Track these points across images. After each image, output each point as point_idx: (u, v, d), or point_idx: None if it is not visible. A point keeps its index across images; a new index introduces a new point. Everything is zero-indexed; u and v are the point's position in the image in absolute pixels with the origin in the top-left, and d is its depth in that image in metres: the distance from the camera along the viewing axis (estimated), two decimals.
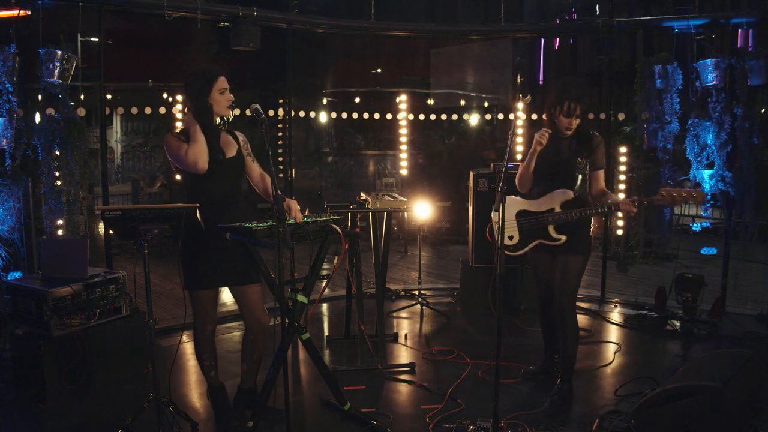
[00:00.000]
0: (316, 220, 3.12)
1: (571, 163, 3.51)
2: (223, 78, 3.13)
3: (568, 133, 3.50)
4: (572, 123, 3.45)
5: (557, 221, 3.49)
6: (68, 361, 3.59)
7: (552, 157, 3.53)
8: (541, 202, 3.57)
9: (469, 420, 3.25)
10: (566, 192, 3.50)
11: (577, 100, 3.39)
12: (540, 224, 3.55)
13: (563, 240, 3.51)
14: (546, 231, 3.55)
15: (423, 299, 5.65)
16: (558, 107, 3.43)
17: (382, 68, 12.25)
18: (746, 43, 6.06)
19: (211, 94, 3.08)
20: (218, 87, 3.09)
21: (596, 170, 3.56)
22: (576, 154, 3.51)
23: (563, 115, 3.43)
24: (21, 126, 4.42)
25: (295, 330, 3.07)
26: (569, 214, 3.45)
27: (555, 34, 10.07)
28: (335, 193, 10.20)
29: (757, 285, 5.74)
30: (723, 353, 3.24)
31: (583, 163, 3.51)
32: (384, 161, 9.99)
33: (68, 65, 4.52)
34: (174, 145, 3.04)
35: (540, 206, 3.56)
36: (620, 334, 4.86)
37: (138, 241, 2.90)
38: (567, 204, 3.49)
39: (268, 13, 5.40)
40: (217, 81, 3.09)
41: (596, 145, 3.53)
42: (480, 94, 10.73)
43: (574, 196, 3.50)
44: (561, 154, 3.54)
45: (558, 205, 3.50)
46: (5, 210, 4.47)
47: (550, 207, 3.53)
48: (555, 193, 3.52)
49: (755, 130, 5.08)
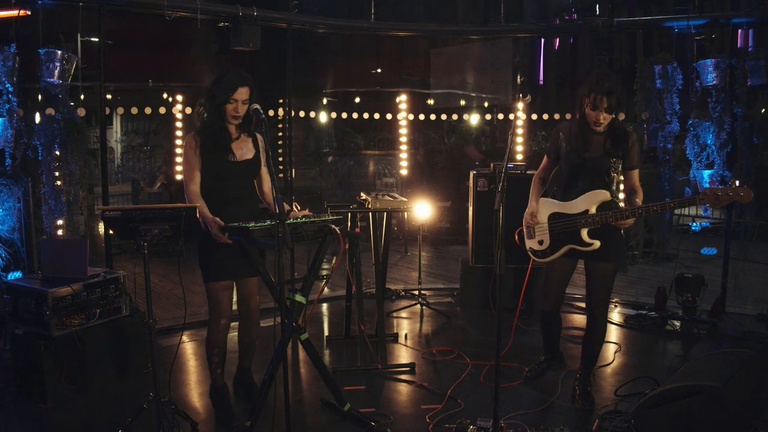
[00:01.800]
0: (314, 220, 3.10)
1: (604, 163, 3.34)
2: (243, 89, 3.11)
3: (598, 128, 3.34)
4: (599, 117, 3.27)
5: (591, 224, 3.32)
6: (68, 361, 3.59)
7: (582, 154, 3.37)
8: (575, 204, 3.39)
9: (469, 420, 3.25)
10: (603, 193, 3.32)
11: (606, 93, 3.21)
12: (573, 227, 3.38)
13: (597, 245, 3.34)
14: (578, 235, 3.37)
15: (423, 299, 5.65)
16: (586, 99, 3.29)
17: (382, 68, 12.25)
18: (746, 43, 6.07)
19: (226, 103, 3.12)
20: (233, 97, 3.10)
21: (631, 170, 3.42)
22: (610, 154, 3.34)
23: (590, 108, 3.28)
24: (21, 126, 4.42)
25: (293, 330, 3.08)
26: (605, 216, 3.28)
27: (555, 34, 10.08)
28: (335, 193, 10.20)
29: (757, 285, 5.74)
30: (723, 353, 3.24)
31: (617, 163, 3.37)
32: (384, 161, 10.00)
33: (68, 65, 4.52)
34: (185, 162, 3.18)
35: (574, 208, 3.39)
36: (620, 334, 4.86)
37: (138, 241, 2.90)
38: (603, 206, 3.32)
39: (268, 13, 5.41)
40: (235, 91, 3.10)
41: (632, 144, 3.37)
42: (480, 94, 10.73)
43: (612, 199, 3.34)
44: (592, 151, 3.37)
45: (594, 207, 3.33)
46: (5, 210, 4.47)
47: (584, 209, 3.35)
48: (591, 194, 3.34)
49: (755, 130, 5.09)
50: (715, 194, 3.11)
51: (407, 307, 5.60)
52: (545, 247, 3.54)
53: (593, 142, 3.38)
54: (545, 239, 3.53)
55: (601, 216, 3.30)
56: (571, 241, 3.42)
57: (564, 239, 3.45)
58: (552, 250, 3.50)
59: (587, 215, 3.34)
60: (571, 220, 3.39)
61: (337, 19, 5.95)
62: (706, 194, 3.14)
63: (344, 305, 4.67)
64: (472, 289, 5.53)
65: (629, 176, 3.46)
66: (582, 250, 3.40)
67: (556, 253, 3.49)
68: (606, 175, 3.36)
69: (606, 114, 3.28)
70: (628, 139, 3.37)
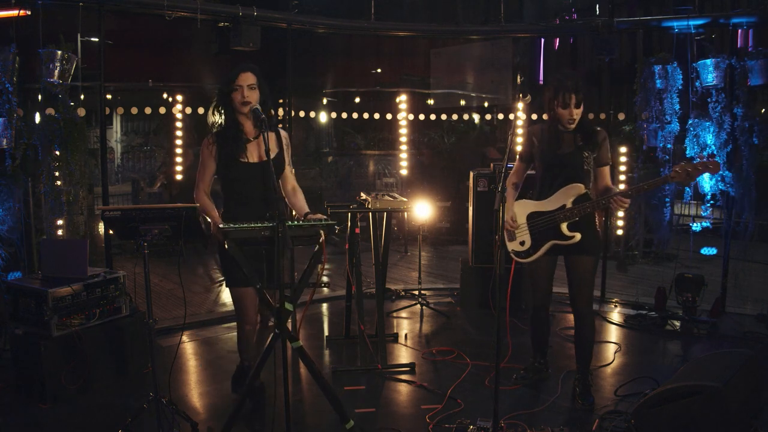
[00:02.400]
0: (302, 224, 2.94)
1: (577, 158, 3.43)
2: (245, 74, 3.06)
3: (571, 126, 3.41)
4: (572, 113, 3.37)
5: (570, 217, 3.39)
6: (68, 361, 3.59)
7: (556, 152, 3.47)
8: (551, 201, 3.47)
9: (469, 420, 3.25)
10: (578, 186, 3.40)
11: (573, 90, 3.33)
12: (552, 224, 3.44)
13: (578, 238, 3.40)
14: (559, 230, 3.44)
15: (423, 299, 5.65)
16: (555, 101, 3.38)
17: (382, 68, 12.25)
18: (746, 43, 6.06)
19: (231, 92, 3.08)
20: (236, 83, 3.06)
21: (601, 166, 3.49)
22: (581, 149, 3.44)
23: (561, 107, 3.37)
24: (21, 126, 4.42)
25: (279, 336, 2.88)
26: (583, 207, 3.36)
27: (555, 34, 10.07)
28: (335, 193, 10.20)
29: (757, 285, 5.74)
30: (723, 353, 3.24)
31: (589, 157, 3.44)
32: (384, 161, 9.99)
33: (68, 65, 4.52)
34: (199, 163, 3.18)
35: (551, 205, 3.47)
36: (620, 334, 4.86)
37: (138, 241, 2.90)
38: (579, 199, 3.41)
39: (268, 13, 5.41)
40: (237, 78, 3.06)
41: (601, 140, 3.46)
42: (480, 94, 10.73)
43: (586, 191, 3.42)
44: (565, 148, 3.47)
45: (570, 201, 3.41)
46: (5, 210, 4.46)
47: (561, 204, 3.43)
48: (566, 189, 3.43)
49: (755, 130, 5.08)
50: (685, 170, 3.19)
51: (407, 307, 5.60)
52: (527, 247, 3.60)
53: (565, 139, 3.48)
54: (526, 240, 3.59)
55: (579, 208, 3.38)
56: (552, 236, 3.48)
57: (545, 236, 3.51)
58: (534, 249, 3.56)
59: (565, 209, 3.41)
60: (550, 217, 3.46)
61: (337, 19, 5.95)
62: (678, 172, 3.21)
63: (344, 305, 4.67)
64: (472, 289, 5.53)
65: (601, 174, 3.52)
66: (563, 245, 3.46)
67: (539, 251, 3.54)
68: (580, 169, 3.44)
69: (576, 110, 3.38)
70: (598, 135, 3.47)
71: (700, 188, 5.39)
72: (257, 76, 3.10)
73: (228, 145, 3.11)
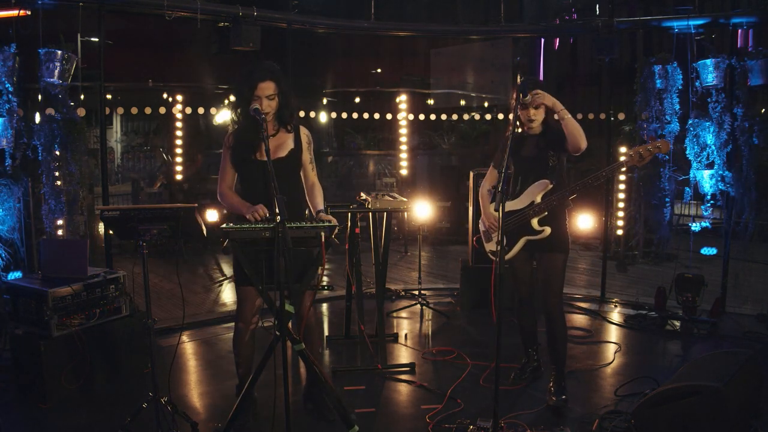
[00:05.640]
0: (301, 226, 2.83)
1: (543, 158, 3.53)
2: (264, 84, 3.00)
3: (532, 125, 3.53)
4: (530, 114, 3.48)
5: (539, 212, 3.49)
6: (68, 361, 3.59)
7: (523, 155, 3.58)
8: (522, 199, 3.57)
9: (469, 420, 3.25)
10: (544, 182, 3.50)
11: (530, 89, 3.40)
12: (524, 220, 3.54)
13: (548, 232, 3.50)
14: (530, 226, 3.54)
15: (423, 299, 5.65)
16: (514, 103, 3.45)
17: (382, 68, 12.25)
18: (746, 43, 6.06)
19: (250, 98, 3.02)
20: (256, 94, 3.01)
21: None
22: (545, 150, 3.53)
23: (520, 108, 3.47)
24: (21, 126, 4.42)
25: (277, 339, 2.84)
26: (550, 201, 3.46)
27: (555, 34, 10.06)
28: (335, 193, 10.20)
29: (757, 285, 5.74)
30: (723, 353, 3.24)
31: (554, 156, 3.53)
32: (384, 161, 9.99)
33: (68, 65, 4.52)
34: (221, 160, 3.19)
35: (521, 203, 3.57)
36: (620, 334, 4.86)
37: (137, 241, 2.90)
38: (548, 193, 3.50)
39: (268, 13, 5.40)
40: (256, 87, 3.00)
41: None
42: (480, 94, 10.73)
43: (553, 185, 3.51)
44: (531, 152, 3.57)
45: (539, 197, 3.51)
46: (5, 210, 4.47)
47: (530, 201, 3.53)
48: (533, 186, 3.53)
49: (755, 130, 5.08)
50: (638, 153, 3.31)
51: (407, 307, 5.60)
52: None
53: (527, 143, 3.60)
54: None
55: (547, 202, 3.47)
56: (524, 232, 3.57)
57: (518, 233, 3.59)
58: (510, 246, 3.63)
59: (534, 205, 3.51)
60: (521, 214, 3.55)
61: (337, 19, 5.94)
62: (631, 155, 3.33)
63: (344, 305, 4.67)
64: (472, 289, 5.53)
65: None
66: (535, 239, 3.55)
67: (515, 249, 3.63)
68: (545, 167, 3.53)
69: (534, 110, 3.47)
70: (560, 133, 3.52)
71: (700, 188, 5.38)
72: (276, 82, 3.04)
73: (240, 145, 3.12)
